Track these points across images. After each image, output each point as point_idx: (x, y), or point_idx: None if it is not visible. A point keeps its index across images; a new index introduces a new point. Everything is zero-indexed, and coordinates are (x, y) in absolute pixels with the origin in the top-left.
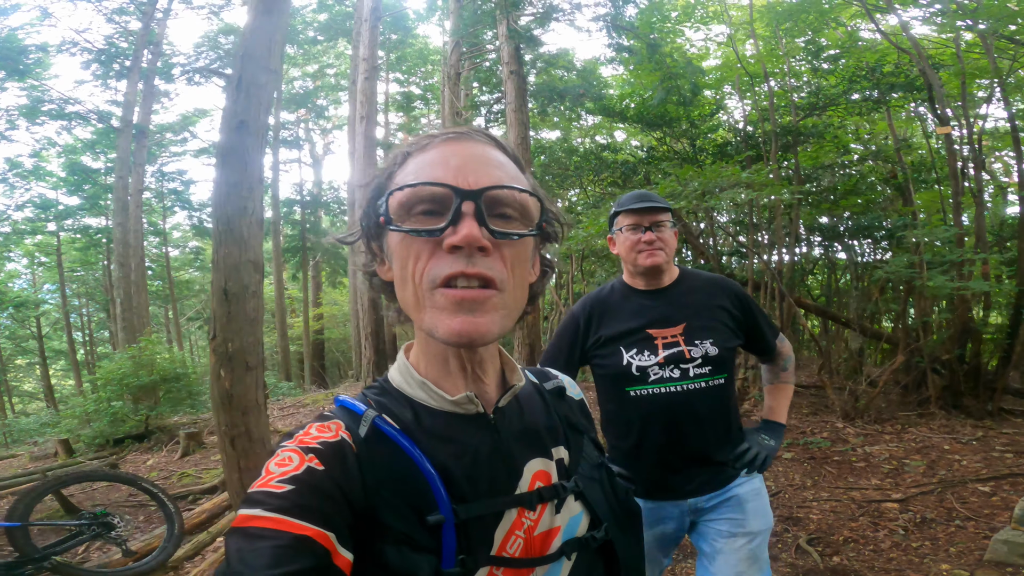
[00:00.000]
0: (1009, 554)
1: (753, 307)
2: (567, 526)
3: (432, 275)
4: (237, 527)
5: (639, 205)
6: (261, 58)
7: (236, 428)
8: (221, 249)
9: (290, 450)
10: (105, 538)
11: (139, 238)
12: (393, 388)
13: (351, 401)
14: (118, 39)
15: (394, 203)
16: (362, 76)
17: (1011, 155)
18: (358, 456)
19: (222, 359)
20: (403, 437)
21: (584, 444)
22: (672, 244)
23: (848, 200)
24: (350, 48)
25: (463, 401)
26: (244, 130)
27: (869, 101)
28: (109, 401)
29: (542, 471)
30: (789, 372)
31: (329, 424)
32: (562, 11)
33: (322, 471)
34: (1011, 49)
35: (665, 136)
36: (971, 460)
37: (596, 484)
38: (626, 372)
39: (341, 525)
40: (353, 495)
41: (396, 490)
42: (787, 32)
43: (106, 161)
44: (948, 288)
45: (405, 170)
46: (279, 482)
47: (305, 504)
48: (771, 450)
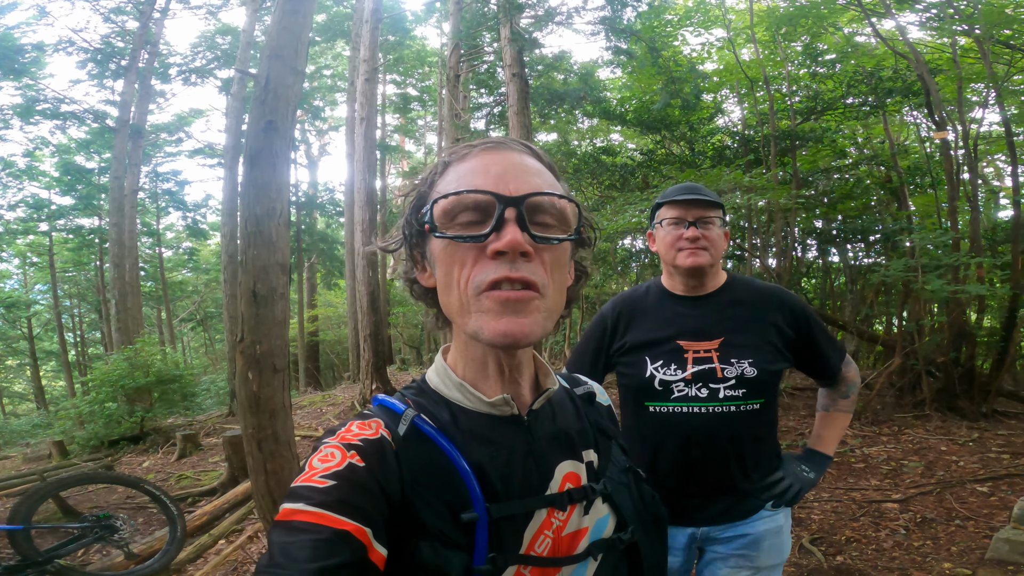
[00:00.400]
0: (1011, 552)
1: (813, 325)
2: (594, 527)
3: (477, 281)
4: (281, 520)
5: (684, 197)
6: (288, 58)
7: (263, 431)
8: (250, 251)
9: (333, 446)
10: (107, 541)
11: (134, 239)
12: (431, 389)
13: (391, 401)
14: (115, 39)
15: (438, 211)
16: (362, 78)
17: (1002, 160)
18: (397, 454)
19: (250, 361)
20: (441, 436)
21: (612, 448)
22: (720, 245)
23: (844, 204)
24: (348, 49)
25: (499, 403)
26: (272, 131)
27: (867, 106)
28: (103, 403)
29: (572, 473)
30: (850, 400)
31: (370, 422)
32: (561, 14)
33: (363, 467)
34: (1007, 54)
35: (663, 139)
36: (968, 461)
37: (623, 488)
38: (648, 385)
39: (378, 520)
40: (391, 491)
41: (432, 488)
42: (786, 36)
43: (100, 161)
44: (945, 292)
45: (446, 179)
46: (322, 477)
47: (346, 500)
48: (808, 484)
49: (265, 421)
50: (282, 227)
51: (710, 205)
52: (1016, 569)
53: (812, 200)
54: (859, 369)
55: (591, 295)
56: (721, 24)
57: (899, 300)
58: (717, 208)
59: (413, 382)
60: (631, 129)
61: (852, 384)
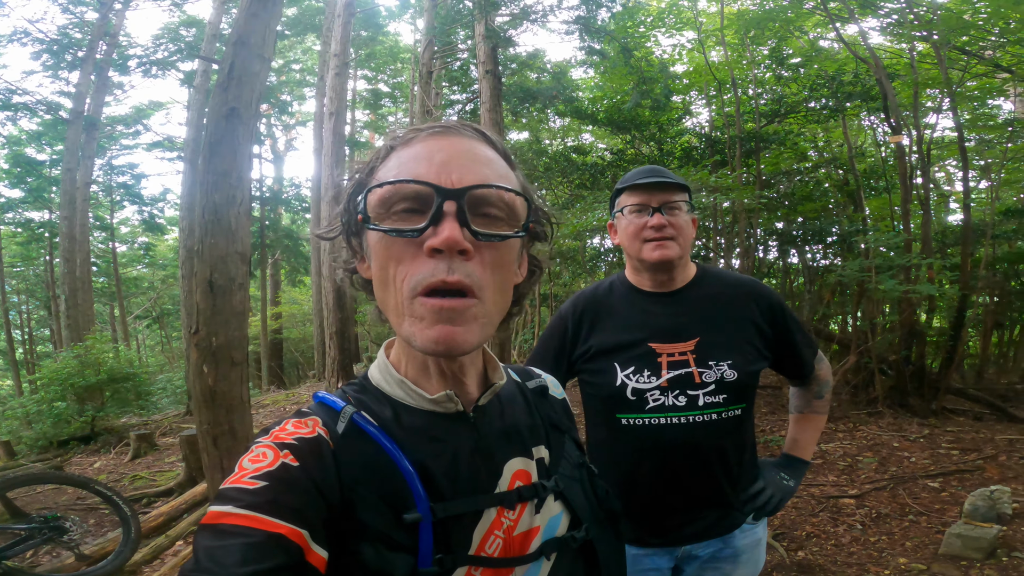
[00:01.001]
0: (963, 548)
1: (790, 320)
2: (547, 526)
3: (413, 281)
4: (207, 524)
5: (647, 179)
6: (256, 45)
7: (219, 426)
8: (208, 239)
9: (264, 446)
10: (57, 542)
11: (85, 232)
12: (372, 386)
13: (330, 397)
14: (72, 30)
15: (373, 200)
16: (332, 72)
17: (953, 165)
18: (335, 452)
19: (206, 354)
20: (381, 434)
21: (565, 444)
22: (689, 233)
23: (804, 206)
24: (318, 44)
25: (442, 399)
26: (235, 118)
27: (827, 109)
28: (52, 402)
29: (522, 470)
30: (825, 400)
31: (306, 420)
32: (536, 13)
33: (297, 467)
34: (962, 60)
35: (633, 139)
36: (919, 457)
37: (576, 484)
38: (619, 395)
39: (316, 522)
40: (329, 492)
41: (373, 487)
42: (753, 40)
43: (51, 153)
44: (897, 291)
45: (387, 165)
46: (252, 478)
47: (278, 501)
48: (788, 492)
49: (222, 416)
50: (242, 216)
51: (676, 188)
52: (969, 564)
53: (774, 202)
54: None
55: (560, 294)
56: (692, 26)
57: (854, 300)
58: (683, 191)
59: (356, 379)
60: (602, 129)
61: (825, 383)
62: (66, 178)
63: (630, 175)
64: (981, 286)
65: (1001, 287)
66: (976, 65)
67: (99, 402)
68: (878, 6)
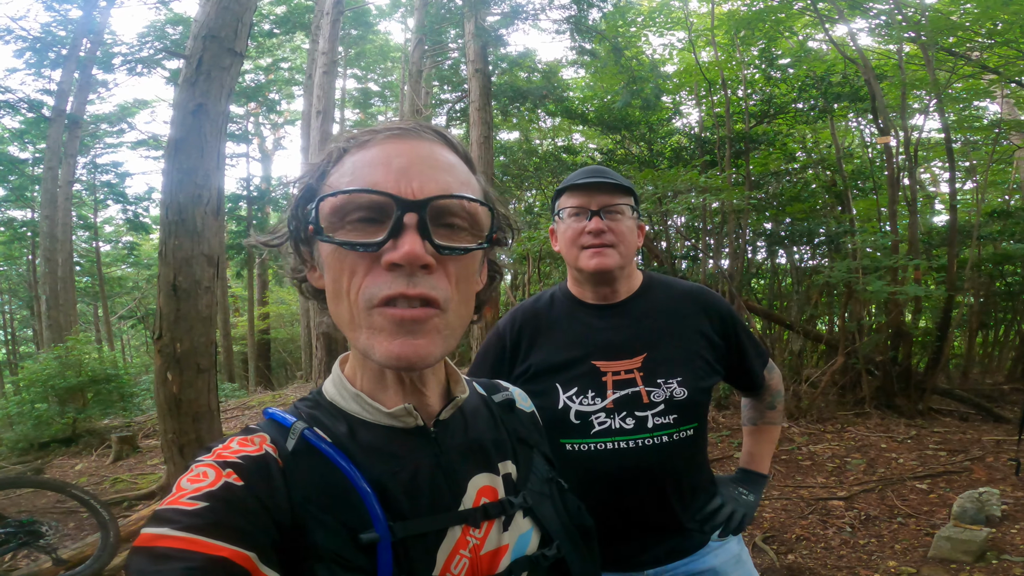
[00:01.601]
0: (952, 551)
1: (740, 330)
2: (516, 544)
3: (369, 294)
4: (142, 547)
5: (586, 180)
6: (226, 38)
7: (186, 435)
8: (171, 240)
9: (205, 465)
10: (33, 547)
11: (67, 231)
12: (327, 401)
13: (280, 413)
14: (56, 27)
15: (326, 209)
16: (320, 70)
17: (938, 166)
18: (284, 471)
19: (169, 360)
20: (335, 451)
21: (534, 458)
22: (631, 241)
23: (793, 206)
24: (307, 42)
25: (400, 413)
26: (202, 114)
27: (815, 110)
28: (33, 403)
29: (488, 487)
30: (777, 411)
31: (252, 438)
32: (527, 13)
33: (241, 486)
34: (950, 61)
35: (624, 139)
36: (907, 458)
37: (547, 500)
38: (561, 419)
39: (264, 544)
40: (278, 512)
41: (327, 507)
42: (744, 40)
43: (34, 152)
44: (885, 292)
45: (341, 169)
46: (191, 499)
47: (221, 522)
48: (750, 507)
49: (187, 425)
50: (209, 216)
51: (618, 190)
52: (959, 567)
53: (763, 202)
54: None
55: None
56: (683, 26)
57: (842, 301)
58: (626, 194)
59: (311, 394)
60: (592, 129)
61: (777, 393)
62: (47, 176)
63: (572, 175)
64: (967, 287)
65: (986, 288)
66: (963, 66)
67: (81, 403)
68: (867, 7)
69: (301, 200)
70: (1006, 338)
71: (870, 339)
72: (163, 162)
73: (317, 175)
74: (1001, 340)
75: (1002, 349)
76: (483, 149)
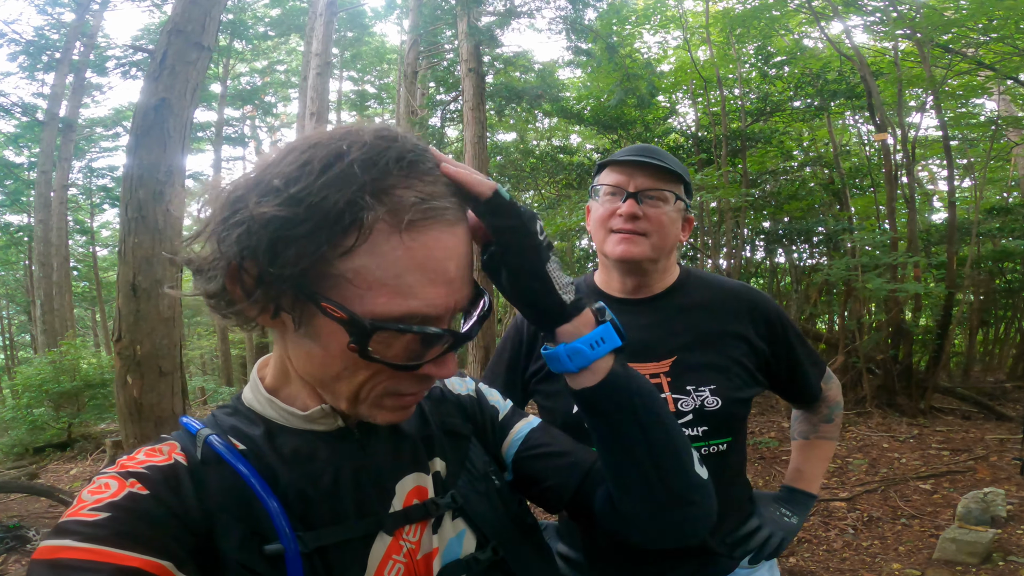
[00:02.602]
0: (957, 552)
1: (792, 336)
2: (447, 548)
3: (390, 390)
4: (42, 559)
5: (631, 157)
6: (193, 32)
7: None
8: (131, 239)
9: (108, 477)
10: (20, 551)
11: (63, 236)
12: (244, 407)
13: (190, 422)
14: (49, 30)
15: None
16: (314, 72)
17: (935, 164)
18: (194, 479)
19: (129, 363)
20: (237, 459)
21: (469, 452)
22: (670, 232)
23: (791, 204)
24: (302, 44)
25: (317, 415)
26: (165, 108)
27: (812, 108)
28: (28, 408)
29: (419, 487)
30: (835, 424)
31: (160, 448)
32: (522, 13)
33: (146, 495)
34: (945, 58)
35: (620, 139)
36: (910, 458)
37: (481, 498)
38: (575, 424)
39: (180, 552)
40: (191, 520)
41: (236, 516)
42: (739, 38)
43: (29, 156)
44: (885, 290)
45: (381, 260)
46: (92, 510)
47: (127, 532)
48: (791, 530)
49: (150, 431)
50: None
51: (663, 173)
52: (964, 569)
53: (760, 201)
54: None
55: None
56: (678, 24)
57: (841, 299)
58: (674, 180)
59: (231, 400)
60: (589, 128)
61: (836, 405)
62: (41, 180)
63: (619, 152)
64: (967, 284)
65: (986, 285)
66: (959, 63)
67: (76, 408)
68: (862, 4)
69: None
70: (1007, 336)
71: (870, 337)
72: None
73: (327, 237)
74: (1002, 338)
75: (1003, 347)
76: (477, 149)
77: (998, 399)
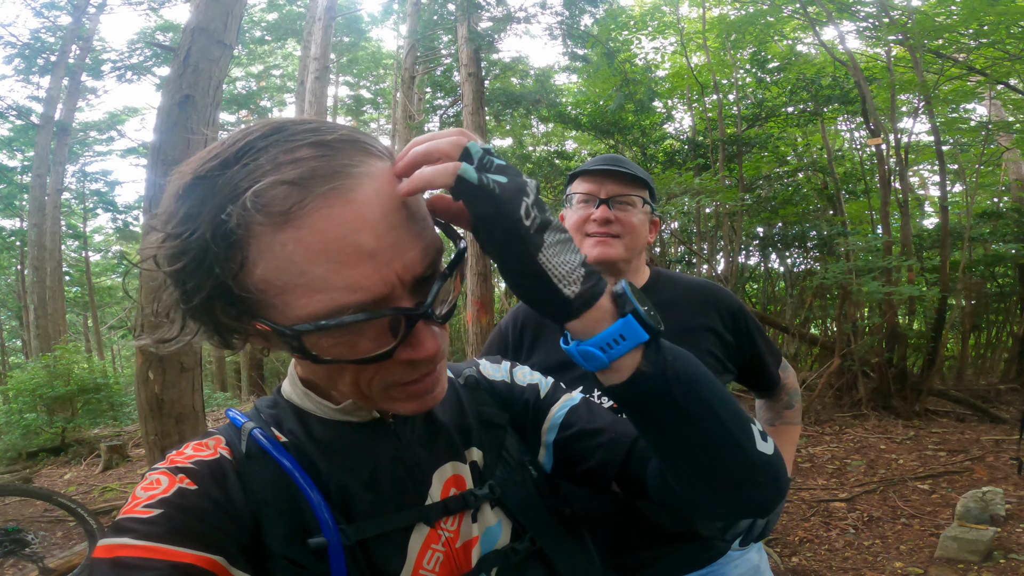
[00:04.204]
0: (959, 550)
1: (752, 327)
2: (484, 538)
3: (386, 383)
4: (104, 558)
5: (600, 167)
6: (216, 31)
7: (168, 438)
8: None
9: (159, 472)
10: (18, 555)
11: (56, 240)
12: (284, 400)
13: (235, 415)
14: (45, 34)
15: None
16: (312, 76)
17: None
18: (240, 473)
19: (151, 359)
20: (280, 452)
21: (505, 442)
22: (639, 234)
23: (786, 209)
24: (299, 49)
25: (351, 408)
26: (189, 106)
27: (806, 113)
28: (21, 413)
29: (456, 476)
30: (795, 410)
31: (207, 442)
32: (519, 19)
33: (195, 491)
34: (937, 64)
35: (617, 144)
36: (907, 459)
37: (519, 488)
38: None
39: (231, 546)
40: (239, 514)
41: (280, 510)
42: (734, 44)
43: (23, 160)
44: (880, 293)
45: (276, 262)
46: (146, 507)
47: (179, 528)
48: (773, 513)
49: (170, 427)
50: None
51: (630, 180)
52: (966, 567)
53: (756, 206)
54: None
55: None
56: (675, 30)
57: (838, 302)
58: (640, 186)
59: (273, 392)
60: (586, 134)
61: (794, 391)
62: (35, 184)
63: (588, 162)
64: (959, 288)
65: (978, 290)
66: (951, 68)
67: (70, 413)
68: (855, 10)
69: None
70: (999, 340)
71: (865, 341)
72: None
73: (213, 263)
74: (994, 342)
75: (995, 351)
76: None
77: (992, 402)
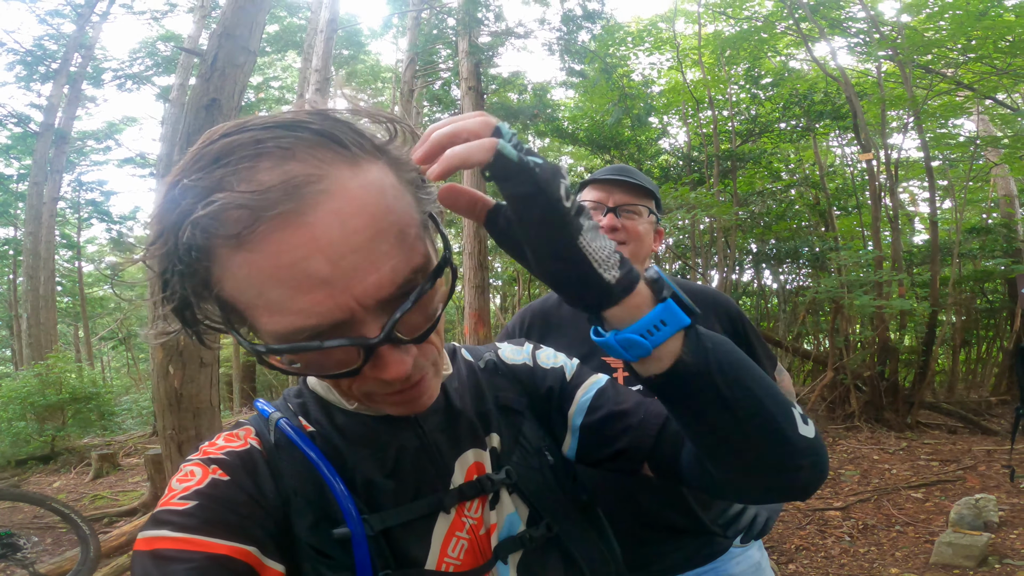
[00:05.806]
0: (954, 556)
1: (750, 332)
2: (503, 524)
3: (363, 392)
4: (144, 550)
5: (608, 176)
6: (241, 37)
7: (185, 432)
8: None
9: (193, 464)
10: (10, 560)
11: (51, 249)
12: (309, 390)
13: (263, 405)
14: (48, 41)
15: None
16: (313, 87)
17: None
18: (269, 463)
19: (172, 353)
20: (305, 442)
21: (523, 427)
22: (645, 242)
23: (779, 225)
24: (298, 61)
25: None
26: (215, 109)
27: (799, 129)
28: (11, 421)
29: (477, 463)
30: None
31: (237, 433)
32: (518, 34)
33: (227, 481)
34: (926, 79)
35: (614, 159)
36: (900, 469)
37: (535, 474)
38: None
39: (263, 537)
40: (270, 504)
41: (308, 499)
42: (729, 60)
43: (19, 167)
44: (871, 307)
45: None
46: (181, 499)
47: (213, 519)
48: (773, 510)
49: (188, 421)
50: None
51: (638, 190)
52: (961, 572)
53: (750, 221)
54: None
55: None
56: (671, 46)
57: (831, 317)
58: (647, 196)
59: (299, 383)
60: (583, 148)
61: (790, 395)
62: (33, 192)
63: (597, 172)
64: (949, 304)
65: (967, 305)
66: (940, 83)
67: (60, 422)
68: (846, 25)
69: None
70: (988, 355)
71: (857, 355)
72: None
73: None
74: (984, 357)
75: (985, 366)
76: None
77: (983, 414)
